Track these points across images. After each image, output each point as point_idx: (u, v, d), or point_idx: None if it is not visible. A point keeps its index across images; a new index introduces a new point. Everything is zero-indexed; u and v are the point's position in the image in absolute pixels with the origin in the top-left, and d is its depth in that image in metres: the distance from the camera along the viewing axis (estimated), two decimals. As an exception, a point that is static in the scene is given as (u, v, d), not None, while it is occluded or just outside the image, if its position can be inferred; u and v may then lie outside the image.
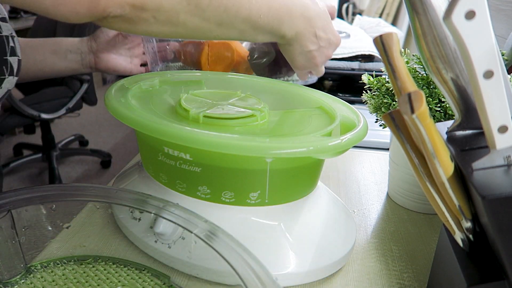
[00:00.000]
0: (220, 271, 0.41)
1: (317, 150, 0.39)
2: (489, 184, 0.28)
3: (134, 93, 0.49)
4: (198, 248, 0.42)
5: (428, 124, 0.25)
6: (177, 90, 0.54)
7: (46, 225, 0.45)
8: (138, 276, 0.42)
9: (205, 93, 0.51)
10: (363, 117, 0.47)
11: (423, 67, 0.51)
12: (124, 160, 2.38)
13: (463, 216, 0.32)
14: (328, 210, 0.48)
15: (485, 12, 0.24)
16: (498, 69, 0.26)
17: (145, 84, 0.52)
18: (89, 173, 2.23)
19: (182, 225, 0.38)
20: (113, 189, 0.42)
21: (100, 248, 0.46)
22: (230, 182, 0.42)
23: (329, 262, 0.43)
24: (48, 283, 0.40)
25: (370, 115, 0.55)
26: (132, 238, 0.47)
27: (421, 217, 0.57)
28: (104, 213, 0.53)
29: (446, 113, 0.49)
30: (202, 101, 0.47)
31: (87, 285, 0.40)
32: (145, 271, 0.43)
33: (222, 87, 0.56)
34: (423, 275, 0.46)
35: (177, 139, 0.38)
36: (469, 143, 0.32)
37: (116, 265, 0.43)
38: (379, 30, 1.43)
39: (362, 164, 0.72)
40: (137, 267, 0.43)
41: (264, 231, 0.43)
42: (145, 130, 0.40)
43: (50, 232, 0.46)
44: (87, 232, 0.49)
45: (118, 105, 0.43)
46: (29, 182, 2.09)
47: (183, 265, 0.43)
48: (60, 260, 0.43)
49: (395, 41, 0.30)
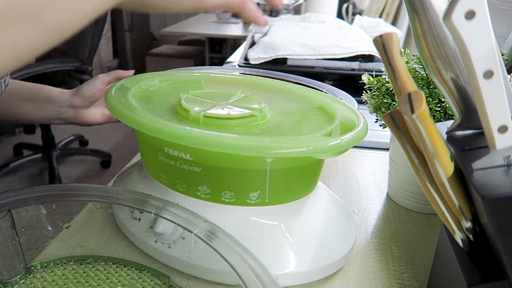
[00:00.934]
0: (220, 271, 0.41)
1: (317, 150, 0.39)
2: (489, 184, 0.28)
3: (134, 93, 0.49)
4: (198, 248, 0.42)
5: (428, 124, 0.25)
6: (177, 90, 0.54)
7: (46, 225, 0.45)
8: (138, 276, 0.42)
9: (205, 93, 0.51)
10: (363, 117, 0.47)
11: (423, 67, 0.51)
12: (124, 160, 2.38)
13: (463, 216, 0.32)
14: (328, 210, 0.48)
15: (485, 12, 0.24)
16: (498, 69, 0.26)
17: (145, 84, 0.52)
18: (89, 173, 2.23)
19: (182, 225, 0.38)
20: (113, 189, 0.42)
21: (100, 248, 0.47)
22: (230, 182, 0.42)
23: (329, 262, 0.43)
24: (48, 283, 0.40)
25: (370, 115, 0.55)
26: (132, 238, 0.47)
27: (421, 217, 0.57)
28: (104, 213, 0.53)
29: (446, 113, 0.49)
30: (202, 101, 0.47)
31: (87, 285, 0.40)
32: (145, 271, 0.43)
33: (222, 87, 0.56)
34: (423, 275, 0.46)
35: (177, 139, 0.38)
36: (469, 143, 0.32)
37: (116, 265, 0.43)
38: (379, 30, 1.43)
39: (362, 164, 0.72)
40: (137, 267, 0.43)
41: (264, 231, 0.43)
42: (145, 130, 0.40)
43: (50, 232, 0.46)
44: (87, 232, 0.49)
45: (118, 105, 0.43)
46: (29, 182, 2.09)
47: (183, 265, 0.43)
48: (60, 260, 0.43)
49: (395, 41, 0.30)
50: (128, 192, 0.41)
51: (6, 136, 2.55)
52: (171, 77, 0.57)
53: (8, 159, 2.30)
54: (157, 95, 0.51)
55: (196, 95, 0.49)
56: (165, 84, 0.55)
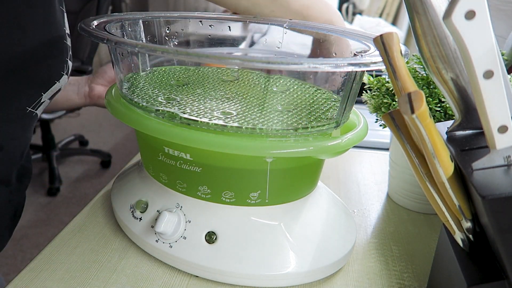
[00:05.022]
0: (221, 271, 0.41)
1: (317, 150, 0.39)
2: (489, 184, 0.28)
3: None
4: (199, 247, 0.42)
5: (428, 124, 0.25)
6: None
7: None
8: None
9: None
10: (363, 117, 0.47)
11: (423, 67, 0.51)
12: (124, 160, 2.37)
13: (463, 216, 0.32)
14: (328, 210, 0.48)
15: (485, 12, 0.24)
16: (498, 69, 0.26)
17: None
18: (89, 173, 2.23)
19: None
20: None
21: (100, 247, 0.47)
22: (230, 182, 0.42)
23: (329, 262, 0.43)
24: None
25: (370, 115, 0.55)
26: (133, 237, 0.47)
27: (421, 217, 0.57)
28: (104, 213, 0.53)
29: (446, 113, 0.49)
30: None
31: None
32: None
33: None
34: (423, 275, 0.46)
35: (177, 139, 0.38)
36: (469, 143, 0.32)
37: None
38: (379, 30, 1.43)
39: (362, 164, 0.72)
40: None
41: (264, 231, 0.43)
42: (145, 130, 0.40)
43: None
44: (87, 232, 0.49)
45: (118, 105, 0.43)
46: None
47: (184, 265, 0.43)
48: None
49: (396, 41, 0.30)
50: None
51: (6, 136, 2.55)
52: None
53: (8, 159, 2.29)
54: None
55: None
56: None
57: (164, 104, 0.43)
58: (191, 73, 0.55)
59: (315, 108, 0.45)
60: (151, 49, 0.35)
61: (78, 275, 0.43)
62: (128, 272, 0.43)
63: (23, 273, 0.43)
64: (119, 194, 0.50)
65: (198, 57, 0.33)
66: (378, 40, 0.30)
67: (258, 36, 1.32)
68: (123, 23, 0.51)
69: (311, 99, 0.47)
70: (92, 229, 0.50)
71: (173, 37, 0.58)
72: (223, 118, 0.40)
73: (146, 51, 0.42)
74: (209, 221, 0.43)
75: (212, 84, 0.52)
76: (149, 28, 0.55)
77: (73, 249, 0.46)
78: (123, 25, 0.51)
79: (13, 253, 1.58)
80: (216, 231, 0.42)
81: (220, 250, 0.41)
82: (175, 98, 0.45)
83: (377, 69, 0.36)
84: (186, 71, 0.56)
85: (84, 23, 0.43)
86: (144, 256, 0.46)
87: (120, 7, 3.47)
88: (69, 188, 2.06)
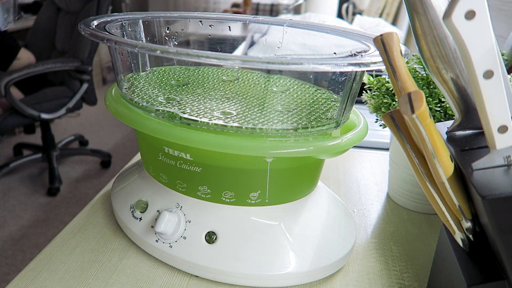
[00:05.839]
0: (220, 271, 0.41)
1: (317, 150, 0.39)
2: (489, 184, 0.28)
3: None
4: (199, 247, 0.42)
5: (428, 124, 0.25)
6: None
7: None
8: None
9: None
10: (363, 117, 0.47)
11: (423, 67, 0.51)
12: (124, 160, 2.37)
13: (463, 216, 0.32)
14: (328, 210, 0.48)
15: (485, 12, 0.24)
16: (498, 69, 0.26)
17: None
18: (89, 173, 2.23)
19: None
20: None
21: (100, 247, 0.47)
22: (230, 182, 0.42)
23: (329, 262, 0.43)
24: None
25: (370, 115, 0.55)
26: (133, 237, 0.47)
27: (421, 217, 0.57)
28: (104, 213, 0.53)
29: (446, 113, 0.49)
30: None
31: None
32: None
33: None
34: (423, 275, 0.46)
35: (177, 139, 0.38)
36: (469, 143, 0.32)
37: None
38: (379, 30, 1.43)
39: (362, 164, 0.72)
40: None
41: (264, 231, 0.43)
42: (145, 130, 0.40)
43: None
44: (87, 232, 0.49)
45: (118, 105, 0.43)
46: (29, 182, 2.09)
47: (184, 265, 0.43)
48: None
49: (396, 41, 0.30)
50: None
51: (6, 136, 2.55)
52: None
53: (8, 159, 2.30)
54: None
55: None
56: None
57: (164, 104, 0.43)
58: (191, 73, 0.56)
59: (315, 108, 0.45)
60: (151, 49, 0.35)
61: (78, 275, 0.43)
62: (128, 272, 0.43)
63: (23, 273, 0.43)
64: (119, 194, 0.50)
65: (198, 57, 0.33)
66: (378, 40, 0.30)
67: (258, 36, 1.32)
68: (123, 23, 0.51)
69: (311, 99, 0.47)
70: (92, 229, 0.50)
71: (173, 37, 0.58)
72: (223, 118, 0.40)
73: (146, 51, 0.42)
74: (209, 221, 0.43)
75: (212, 84, 0.52)
76: (149, 28, 0.55)
77: (73, 249, 0.46)
78: (123, 25, 0.51)
79: (13, 253, 1.58)
80: (216, 231, 0.42)
81: (220, 250, 0.41)
82: (175, 98, 0.45)
83: (377, 69, 0.36)
84: (186, 71, 0.56)
85: (84, 23, 0.43)
86: (144, 256, 0.46)
87: (120, 7, 3.47)
88: (69, 188, 2.06)
